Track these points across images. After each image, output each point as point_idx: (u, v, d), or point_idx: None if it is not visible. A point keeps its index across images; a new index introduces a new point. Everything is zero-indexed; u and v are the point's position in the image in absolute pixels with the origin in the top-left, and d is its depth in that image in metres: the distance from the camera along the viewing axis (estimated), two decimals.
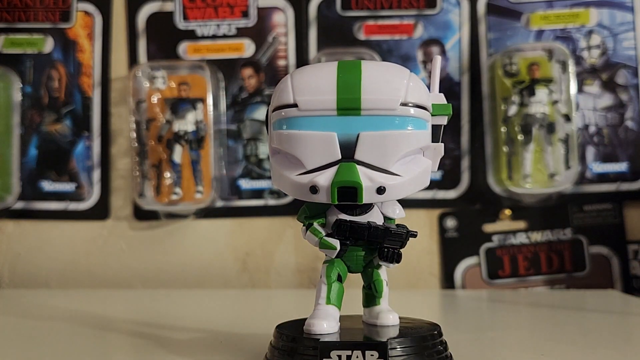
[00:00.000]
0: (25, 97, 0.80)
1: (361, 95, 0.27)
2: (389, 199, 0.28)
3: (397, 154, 0.27)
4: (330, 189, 0.28)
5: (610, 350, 0.41)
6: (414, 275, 0.75)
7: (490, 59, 0.75)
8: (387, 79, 0.28)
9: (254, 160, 0.77)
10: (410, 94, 0.28)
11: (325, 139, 0.28)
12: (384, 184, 0.28)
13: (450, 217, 0.75)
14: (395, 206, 0.30)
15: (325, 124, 0.28)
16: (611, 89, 0.74)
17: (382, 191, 0.28)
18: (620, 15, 0.75)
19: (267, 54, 0.78)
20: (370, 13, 0.77)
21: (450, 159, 0.75)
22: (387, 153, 0.27)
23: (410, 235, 0.30)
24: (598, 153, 0.74)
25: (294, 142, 0.28)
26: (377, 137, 0.27)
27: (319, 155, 0.28)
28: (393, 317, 0.31)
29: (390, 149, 0.27)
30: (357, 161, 0.28)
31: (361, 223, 0.30)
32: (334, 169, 0.28)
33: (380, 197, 0.28)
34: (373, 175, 0.27)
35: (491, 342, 0.44)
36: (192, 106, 0.76)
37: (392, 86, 0.27)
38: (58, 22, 0.80)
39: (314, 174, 0.28)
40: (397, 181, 0.28)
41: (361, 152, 0.27)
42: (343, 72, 0.28)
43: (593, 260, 0.74)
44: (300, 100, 0.28)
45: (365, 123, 0.27)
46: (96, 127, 0.79)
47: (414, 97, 0.28)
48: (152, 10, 0.79)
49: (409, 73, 0.29)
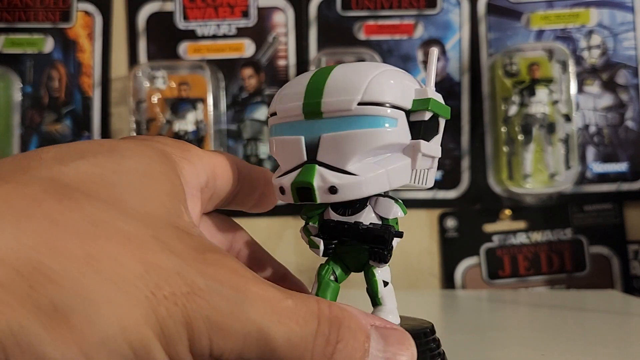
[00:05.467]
0: (26, 97, 0.80)
1: (322, 99, 0.28)
2: (344, 198, 0.28)
3: (354, 153, 0.28)
4: (290, 189, 0.29)
5: (610, 350, 0.41)
6: (414, 275, 0.75)
7: (491, 59, 0.75)
8: (348, 80, 0.28)
9: (254, 160, 0.77)
10: (370, 93, 0.28)
11: (294, 143, 0.29)
12: (335, 184, 0.28)
13: (450, 217, 0.75)
14: (390, 206, 0.29)
15: (294, 129, 0.29)
16: (611, 89, 0.74)
17: (335, 191, 0.28)
18: (621, 15, 0.75)
19: (267, 54, 0.78)
20: (371, 13, 0.77)
21: (450, 159, 0.75)
22: (344, 153, 0.28)
23: (395, 235, 0.29)
24: (598, 153, 0.74)
25: (274, 147, 0.30)
26: (335, 138, 0.28)
27: (289, 159, 0.29)
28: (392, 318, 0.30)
29: (346, 149, 0.28)
30: (318, 162, 0.28)
31: (345, 223, 0.30)
32: (298, 170, 0.29)
33: (333, 196, 0.28)
34: (328, 175, 0.28)
35: (491, 341, 0.44)
36: (192, 106, 0.76)
37: (352, 87, 0.28)
38: (58, 22, 0.80)
39: (284, 176, 0.29)
40: (351, 181, 0.28)
41: (322, 154, 0.28)
42: (314, 78, 0.29)
43: (593, 260, 0.74)
44: (278, 109, 0.30)
45: (327, 125, 0.28)
46: (96, 127, 0.79)
47: (374, 95, 0.28)
48: (152, 10, 0.79)
49: (378, 72, 0.28)
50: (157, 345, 0.19)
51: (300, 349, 0.22)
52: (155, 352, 0.19)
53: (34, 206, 0.19)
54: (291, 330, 0.21)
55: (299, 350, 0.22)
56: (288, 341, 0.21)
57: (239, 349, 0.21)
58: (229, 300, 0.20)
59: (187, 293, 0.20)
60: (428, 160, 0.29)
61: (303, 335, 0.22)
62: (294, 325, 0.22)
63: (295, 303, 0.22)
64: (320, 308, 0.23)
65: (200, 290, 0.20)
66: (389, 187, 0.28)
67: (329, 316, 0.23)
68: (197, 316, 0.20)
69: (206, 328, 0.20)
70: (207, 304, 0.20)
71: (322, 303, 0.23)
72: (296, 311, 0.22)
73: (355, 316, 0.24)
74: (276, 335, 0.21)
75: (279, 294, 0.22)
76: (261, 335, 0.21)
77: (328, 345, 0.22)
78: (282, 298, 0.22)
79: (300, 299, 0.22)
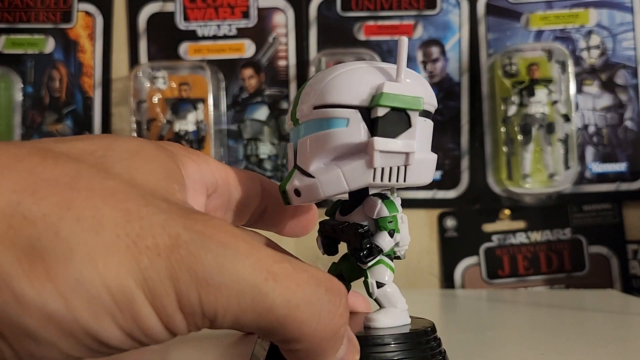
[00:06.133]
0: (26, 97, 0.80)
1: (297, 106, 0.29)
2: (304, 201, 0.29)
3: (314, 156, 0.28)
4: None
5: (609, 349, 0.41)
6: (414, 275, 0.75)
7: (490, 59, 0.75)
8: (313, 85, 0.29)
9: (254, 160, 0.77)
10: (322, 96, 0.28)
11: (289, 150, 0.31)
12: (297, 187, 0.29)
13: (450, 217, 0.75)
14: (374, 205, 0.30)
15: (291, 136, 0.31)
16: (610, 89, 0.75)
17: (298, 194, 0.29)
18: (620, 15, 0.75)
19: (267, 55, 0.78)
20: (370, 14, 0.77)
21: (450, 159, 0.76)
22: (308, 156, 0.29)
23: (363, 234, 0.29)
24: (597, 153, 0.74)
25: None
26: (302, 142, 0.29)
27: (289, 164, 0.31)
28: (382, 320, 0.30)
29: (309, 153, 0.29)
30: (297, 167, 0.29)
31: (333, 223, 0.31)
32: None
33: (298, 199, 0.29)
34: (295, 179, 0.29)
35: (491, 341, 0.44)
36: (192, 106, 0.76)
37: (312, 91, 0.29)
38: (59, 23, 0.80)
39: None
40: (309, 182, 0.28)
41: (299, 158, 0.29)
42: (302, 85, 0.30)
43: (592, 260, 0.74)
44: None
45: (301, 131, 0.29)
46: (97, 127, 0.79)
47: (325, 98, 0.28)
48: (152, 10, 0.79)
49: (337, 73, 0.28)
50: (141, 296, 0.18)
51: (303, 314, 0.20)
52: (139, 303, 0.19)
53: (17, 161, 0.19)
54: (290, 291, 0.20)
55: (301, 314, 0.20)
56: (287, 302, 0.20)
57: (234, 310, 0.19)
58: (216, 254, 0.19)
59: (171, 245, 0.19)
60: (396, 157, 0.27)
61: (305, 297, 0.20)
62: (293, 286, 0.20)
63: (293, 266, 0.21)
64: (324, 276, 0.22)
65: (185, 242, 0.19)
66: (347, 187, 0.28)
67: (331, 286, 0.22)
68: (183, 269, 0.19)
69: (193, 282, 0.19)
70: (193, 257, 0.19)
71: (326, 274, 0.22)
72: (294, 274, 0.20)
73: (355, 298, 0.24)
74: (273, 295, 0.20)
75: (275, 255, 0.21)
76: (256, 293, 0.19)
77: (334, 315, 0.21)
78: (278, 259, 0.20)
79: (300, 264, 0.21)
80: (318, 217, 0.34)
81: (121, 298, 0.18)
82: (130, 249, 0.18)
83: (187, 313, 0.19)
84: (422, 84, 0.29)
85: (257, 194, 0.31)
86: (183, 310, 0.19)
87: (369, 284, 0.30)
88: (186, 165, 0.26)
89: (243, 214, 0.31)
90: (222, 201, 0.29)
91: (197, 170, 0.27)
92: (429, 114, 0.29)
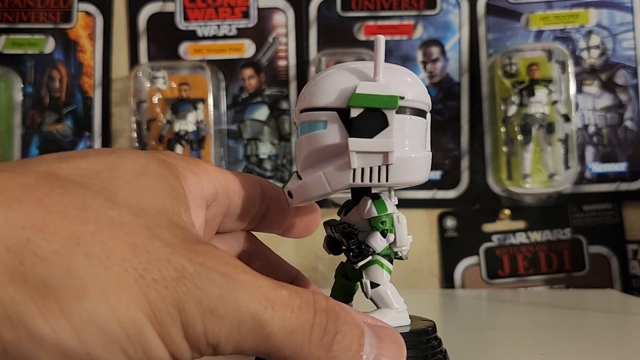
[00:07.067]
0: (27, 97, 0.80)
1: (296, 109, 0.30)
2: (295, 202, 0.29)
3: (302, 158, 0.29)
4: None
5: (609, 349, 0.41)
6: (414, 275, 0.75)
7: (490, 59, 0.76)
8: (303, 89, 0.29)
9: (254, 160, 0.77)
10: (304, 100, 0.29)
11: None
12: (289, 189, 0.29)
13: (450, 216, 0.75)
14: (364, 204, 0.30)
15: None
16: (610, 89, 0.75)
17: (291, 195, 0.29)
18: (620, 15, 0.75)
19: (267, 55, 0.78)
20: (370, 14, 0.77)
21: (450, 159, 0.76)
22: (298, 159, 0.29)
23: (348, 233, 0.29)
24: (597, 153, 0.74)
25: None
26: (296, 145, 0.30)
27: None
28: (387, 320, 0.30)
29: (298, 155, 0.29)
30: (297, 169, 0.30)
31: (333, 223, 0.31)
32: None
33: (292, 200, 0.29)
34: (291, 180, 0.29)
35: (490, 341, 0.44)
36: (192, 106, 0.76)
37: (301, 95, 0.29)
38: (59, 23, 0.80)
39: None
40: (297, 185, 0.29)
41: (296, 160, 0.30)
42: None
43: (592, 260, 0.74)
44: None
45: (298, 134, 0.30)
46: (97, 127, 0.79)
47: (307, 101, 0.29)
48: (152, 10, 0.79)
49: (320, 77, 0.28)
50: (150, 328, 0.19)
51: (298, 338, 0.21)
52: (148, 335, 0.19)
53: (25, 192, 0.19)
54: (286, 318, 0.21)
55: (296, 339, 0.21)
56: (284, 329, 0.21)
57: (235, 337, 0.20)
58: (219, 286, 0.20)
59: (177, 277, 0.20)
60: (374, 157, 0.27)
61: (299, 323, 0.22)
62: (288, 313, 0.21)
63: (289, 293, 0.22)
64: (316, 300, 0.23)
65: (190, 275, 0.20)
66: (330, 189, 0.28)
67: (325, 308, 0.23)
68: (189, 300, 0.20)
69: (199, 312, 0.20)
70: (198, 289, 0.20)
71: (319, 296, 0.23)
72: (290, 300, 0.22)
73: (350, 311, 0.24)
74: (271, 322, 0.21)
75: (272, 283, 0.22)
76: (255, 322, 0.21)
77: (326, 335, 0.22)
78: (274, 287, 0.22)
79: (294, 290, 0.22)
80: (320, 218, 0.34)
81: (132, 331, 0.19)
82: (138, 282, 0.19)
83: (193, 342, 0.20)
84: (408, 82, 0.28)
85: (256, 198, 0.31)
86: (189, 339, 0.20)
87: (363, 284, 0.30)
88: (187, 179, 0.26)
89: (243, 218, 0.31)
90: (222, 209, 0.29)
91: (197, 182, 0.27)
92: (420, 111, 0.28)
